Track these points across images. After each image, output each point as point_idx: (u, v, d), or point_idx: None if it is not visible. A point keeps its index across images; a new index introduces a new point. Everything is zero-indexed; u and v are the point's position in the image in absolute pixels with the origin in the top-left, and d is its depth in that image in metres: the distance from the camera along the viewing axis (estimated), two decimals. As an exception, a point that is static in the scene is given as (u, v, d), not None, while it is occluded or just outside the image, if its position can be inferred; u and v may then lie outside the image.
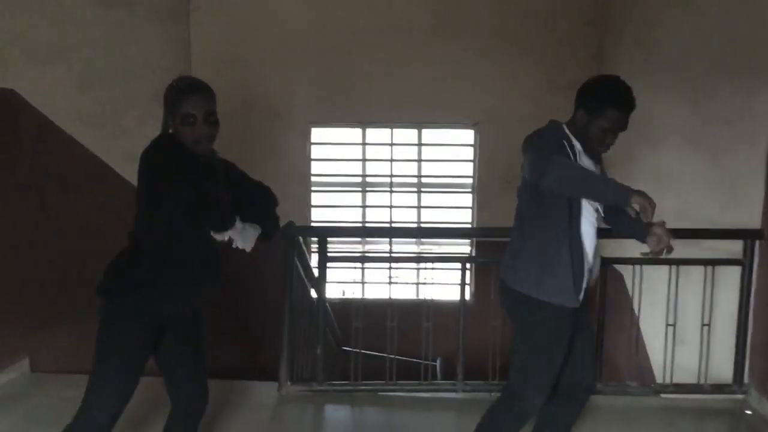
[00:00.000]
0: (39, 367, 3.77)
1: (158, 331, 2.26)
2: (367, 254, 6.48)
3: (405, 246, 6.67)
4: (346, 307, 4.06)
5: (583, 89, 2.40)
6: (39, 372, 3.74)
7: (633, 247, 3.85)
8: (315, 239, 3.84)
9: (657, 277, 3.73)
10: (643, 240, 2.38)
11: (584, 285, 2.45)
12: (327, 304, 3.72)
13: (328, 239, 3.71)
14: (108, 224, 3.44)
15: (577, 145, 2.39)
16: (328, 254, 3.69)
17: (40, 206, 4.01)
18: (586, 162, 2.40)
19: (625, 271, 4.60)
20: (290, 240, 3.64)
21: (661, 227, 2.25)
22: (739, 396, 3.61)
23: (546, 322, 2.40)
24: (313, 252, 4.57)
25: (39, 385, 2.54)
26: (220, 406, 3.48)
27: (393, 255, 6.24)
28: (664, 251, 2.27)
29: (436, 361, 3.70)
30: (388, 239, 6.52)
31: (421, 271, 6.33)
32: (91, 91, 4.51)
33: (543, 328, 2.41)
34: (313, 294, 3.85)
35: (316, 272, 3.70)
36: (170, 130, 2.17)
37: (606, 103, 2.29)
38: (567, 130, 2.42)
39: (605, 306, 3.58)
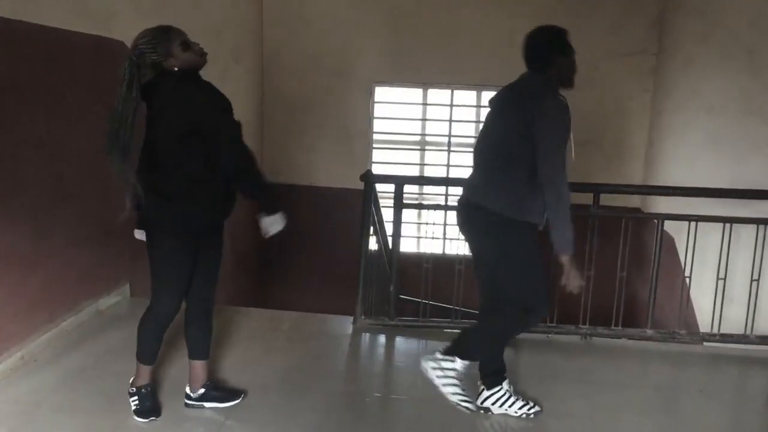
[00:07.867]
0: (137, 292, 4.19)
1: (192, 245, 2.68)
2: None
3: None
4: (405, 258, 4.37)
5: (551, 37, 2.89)
6: (137, 296, 4.15)
7: (685, 205, 4.08)
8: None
9: (707, 239, 3.93)
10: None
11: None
12: (399, 248, 4.02)
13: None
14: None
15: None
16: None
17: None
18: None
19: (676, 234, 4.82)
20: (368, 187, 3.94)
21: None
22: (784, 348, 3.82)
23: (531, 238, 2.77)
24: (384, 207, 4.86)
25: (138, 307, 2.90)
26: (302, 334, 3.86)
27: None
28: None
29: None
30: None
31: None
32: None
33: (529, 244, 2.77)
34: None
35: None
36: None
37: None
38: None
39: (659, 262, 3.84)
